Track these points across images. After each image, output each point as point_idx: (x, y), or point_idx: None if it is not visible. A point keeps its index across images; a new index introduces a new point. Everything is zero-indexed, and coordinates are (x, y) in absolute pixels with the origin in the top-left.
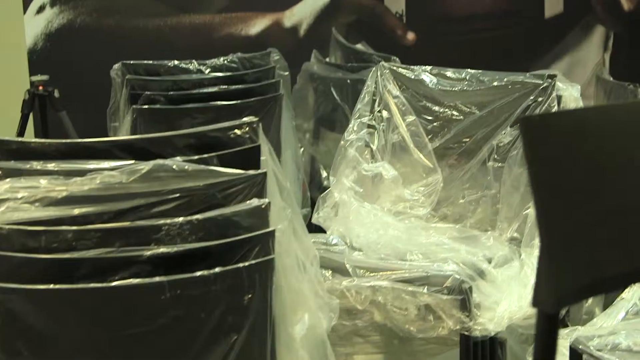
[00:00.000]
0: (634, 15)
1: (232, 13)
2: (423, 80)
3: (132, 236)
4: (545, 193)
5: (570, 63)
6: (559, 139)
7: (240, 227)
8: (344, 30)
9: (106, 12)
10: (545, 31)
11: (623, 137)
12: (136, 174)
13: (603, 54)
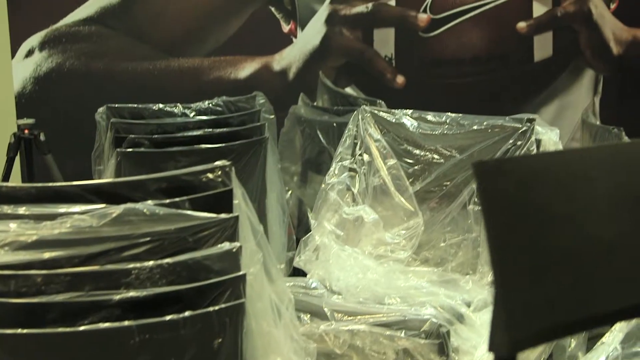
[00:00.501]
0: (623, 59)
1: (221, 56)
2: (404, 124)
3: (101, 280)
4: (498, 237)
5: (560, 107)
6: (513, 183)
7: (211, 271)
8: (334, 74)
9: (95, 55)
10: (534, 75)
11: (578, 182)
12: (107, 218)
13: (593, 97)
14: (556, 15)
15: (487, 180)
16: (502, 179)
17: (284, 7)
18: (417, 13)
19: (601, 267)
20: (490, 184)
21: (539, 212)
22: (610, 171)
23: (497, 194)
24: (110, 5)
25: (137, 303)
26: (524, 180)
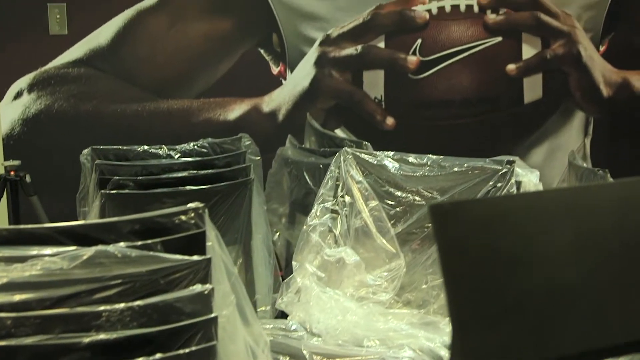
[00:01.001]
0: (613, 101)
1: (210, 98)
2: (385, 166)
3: (72, 322)
4: (454, 280)
5: (551, 149)
6: (469, 227)
7: (183, 313)
8: (323, 115)
9: (84, 97)
10: (524, 117)
11: (537, 225)
12: (78, 260)
13: (584, 139)
14: (545, 57)
15: (443, 223)
16: (458, 222)
17: (274, 49)
18: (406, 55)
19: (561, 311)
20: (445, 227)
21: (497, 256)
22: (570, 214)
23: (453, 237)
24: (99, 48)
25: (107, 346)
26: (481, 224)
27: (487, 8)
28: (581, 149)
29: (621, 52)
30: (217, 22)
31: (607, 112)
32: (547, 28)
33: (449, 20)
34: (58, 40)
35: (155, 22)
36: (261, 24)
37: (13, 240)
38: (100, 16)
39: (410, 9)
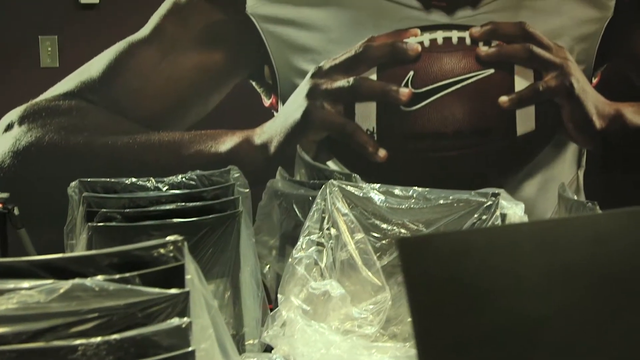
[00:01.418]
0: (606, 133)
1: (201, 130)
2: (371, 198)
3: (48, 356)
4: (421, 314)
5: (544, 181)
6: (436, 260)
7: (160, 347)
8: (315, 148)
9: (74, 129)
10: (517, 149)
11: (506, 258)
12: (55, 294)
13: (577, 171)
14: (538, 89)
15: (409, 256)
16: (425, 255)
17: (265, 82)
18: (398, 87)
19: (529, 346)
20: (412, 260)
21: (463, 289)
22: (539, 248)
23: (419, 271)
24: (90, 80)
25: None
26: (448, 257)
27: (480, 40)
28: (574, 181)
29: (614, 83)
30: (209, 54)
31: (600, 144)
32: (540, 60)
33: (441, 53)
34: (49, 73)
35: (147, 54)
36: (253, 56)
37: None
38: (92, 48)
39: (403, 41)
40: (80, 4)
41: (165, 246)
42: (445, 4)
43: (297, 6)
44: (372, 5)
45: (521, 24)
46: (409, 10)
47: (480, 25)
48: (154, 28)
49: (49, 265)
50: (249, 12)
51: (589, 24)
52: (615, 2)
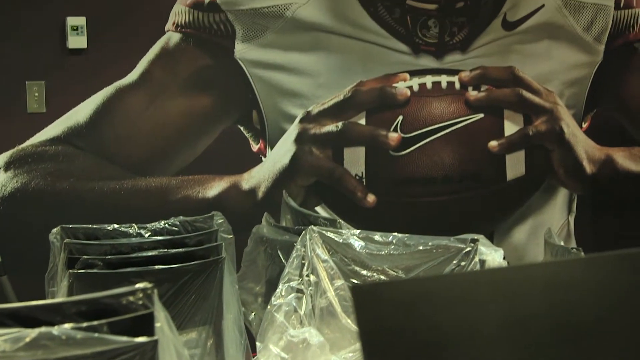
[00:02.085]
0: (597, 178)
1: (189, 175)
2: (351, 244)
3: None
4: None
5: (534, 226)
6: (391, 308)
7: None
8: (304, 193)
9: (61, 175)
10: (507, 194)
11: (463, 306)
12: (20, 343)
13: (568, 216)
14: (528, 134)
15: (364, 305)
16: (379, 304)
17: (253, 126)
18: (387, 132)
19: None
20: (366, 308)
21: (418, 340)
22: (496, 296)
23: (374, 319)
24: (77, 125)
25: None
26: (403, 305)
27: (469, 85)
28: (565, 226)
29: (604, 128)
30: (197, 99)
31: (591, 189)
32: (529, 105)
33: (430, 97)
34: (36, 118)
35: (135, 99)
36: (241, 101)
37: None
38: (80, 93)
39: (391, 85)
40: (68, 49)
41: (135, 293)
42: (434, 48)
43: (286, 51)
44: (361, 50)
45: (511, 68)
46: (398, 55)
47: (470, 69)
48: (142, 73)
49: (15, 313)
50: (238, 57)
51: (579, 69)
52: (604, 47)
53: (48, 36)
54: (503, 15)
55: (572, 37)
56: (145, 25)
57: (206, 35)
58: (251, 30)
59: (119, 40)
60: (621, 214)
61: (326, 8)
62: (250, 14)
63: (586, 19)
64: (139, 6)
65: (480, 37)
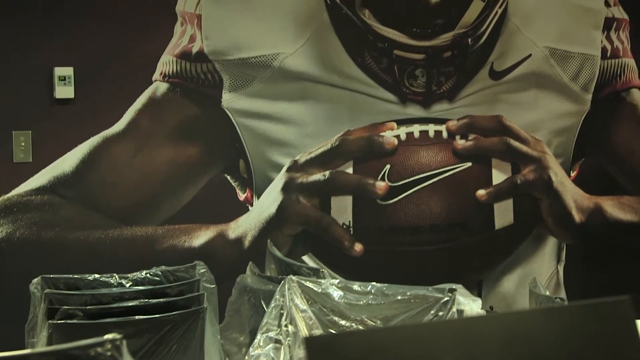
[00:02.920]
0: (586, 227)
1: (175, 225)
2: (330, 294)
3: None
4: None
5: (523, 275)
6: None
7: None
8: (290, 242)
9: (46, 224)
10: (495, 243)
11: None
12: None
13: (557, 265)
14: (516, 182)
15: (317, 357)
16: (334, 355)
17: (240, 175)
18: (374, 181)
19: None
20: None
21: None
22: (455, 348)
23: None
24: (63, 175)
25: None
26: (357, 358)
27: (456, 133)
28: (554, 275)
29: (593, 177)
30: (183, 148)
31: (580, 238)
32: (517, 153)
33: (417, 146)
34: (22, 168)
35: (121, 148)
36: (228, 150)
37: None
38: (66, 143)
39: (379, 134)
40: (55, 98)
41: (103, 345)
42: (422, 97)
43: (273, 100)
44: (348, 100)
45: (498, 117)
46: (385, 104)
47: (457, 118)
48: (129, 122)
49: None
50: (225, 106)
51: (567, 118)
52: (592, 96)
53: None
54: (490, 64)
55: (559, 86)
56: (132, 76)
57: (193, 84)
58: (238, 80)
59: (106, 90)
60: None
61: (314, 58)
62: (238, 64)
63: (573, 69)
64: (126, 56)
65: (468, 87)
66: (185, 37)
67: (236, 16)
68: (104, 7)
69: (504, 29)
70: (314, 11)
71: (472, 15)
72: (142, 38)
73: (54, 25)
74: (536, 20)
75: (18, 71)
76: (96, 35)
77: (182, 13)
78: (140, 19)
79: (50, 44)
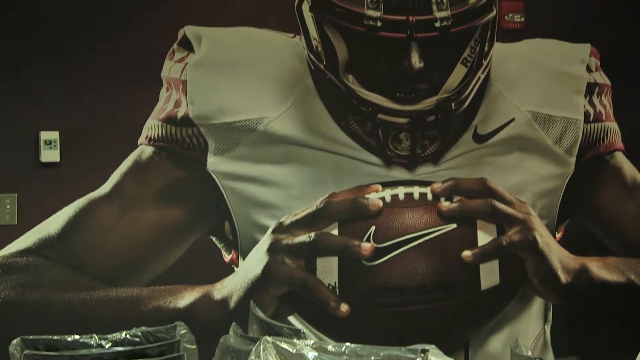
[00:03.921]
0: (572, 288)
1: (160, 286)
2: (304, 355)
3: None
4: None
5: (510, 335)
6: None
7: None
8: (276, 303)
9: (31, 286)
10: (481, 303)
11: None
12: None
13: (544, 325)
14: (501, 244)
15: None
16: None
17: (226, 237)
18: (360, 242)
19: None
20: None
21: None
22: None
23: None
24: (48, 237)
25: None
26: None
27: (441, 196)
28: (541, 335)
29: (578, 238)
30: (169, 210)
31: (566, 298)
32: (502, 215)
33: (402, 208)
34: (8, 230)
35: (107, 211)
36: (213, 212)
37: None
38: (52, 205)
39: (364, 196)
40: (41, 162)
41: None
42: (406, 160)
43: (258, 163)
44: (333, 162)
45: (482, 179)
46: (370, 167)
47: (442, 181)
48: (114, 185)
49: None
50: (210, 169)
51: (551, 180)
52: (576, 159)
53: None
54: (474, 128)
55: (543, 149)
56: (117, 139)
57: (179, 148)
58: (223, 144)
59: (91, 154)
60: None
61: (298, 122)
62: (223, 128)
63: (556, 132)
64: (112, 121)
65: (452, 150)
66: (171, 102)
67: (221, 81)
68: (90, 72)
69: (487, 93)
70: (298, 76)
71: (456, 80)
72: (127, 103)
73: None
74: (519, 85)
75: (4, 135)
76: (82, 100)
77: (167, 79)
78: (125, 84)
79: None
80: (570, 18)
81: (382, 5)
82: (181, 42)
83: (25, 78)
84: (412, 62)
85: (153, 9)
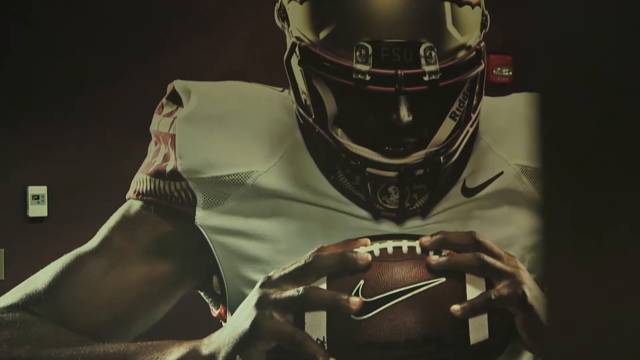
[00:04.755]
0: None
1: (148, 341)
2: None
3: None
4: None
5: None
6: None
7: None
8: (264, 357)
9: (17, 342)
10: (471, 358)
11: None
12: None
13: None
14: (490, 298)
15: None
16: None
17: (214, 292)
18: (348, 296)
19: None
20: None
21: None
22: None
23: None
24: (35, 292)
25: None
26: None
27: (430, 249)
28: None
29: None
30: (157, 265)
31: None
32: (491, 269)
33: (391, 262)
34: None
35: (94, 265)
36: (201, 266)
37: None
38: (39, 261)
39: (352, 250)
40: (28, 217)
41: None
42: (395, 214)
43: (247, 217)
44: (321, 216)
45: (471, 233)
46: (358, 221)
47: (430, 234)
48: (102, 240)
49: None
50: (198, 223)
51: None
52: None
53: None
54: (463, 182)
55: (532, 203)
56: (105, 194)
57: (167, 202)
58: (212, 198)
59: (79, 209)
60: None
61: (286, 176)
62: (211, 182)
63: None
64: (100, 175)
65: (440, 203)
66: (159, 156)
67: (209, 135)
68: (78, 127)
69: (475, 146)
70: (287, 130)
71: (444, 133)
72: (115, 157)
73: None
74: (507, 138)
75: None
76: (70, 155)
77: (155, 133)
78: (113, 138)
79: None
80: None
81: (370, 59)
82: (170, 96)
83: (12, 132)
84: (400, 115)
85: (142, 64)
